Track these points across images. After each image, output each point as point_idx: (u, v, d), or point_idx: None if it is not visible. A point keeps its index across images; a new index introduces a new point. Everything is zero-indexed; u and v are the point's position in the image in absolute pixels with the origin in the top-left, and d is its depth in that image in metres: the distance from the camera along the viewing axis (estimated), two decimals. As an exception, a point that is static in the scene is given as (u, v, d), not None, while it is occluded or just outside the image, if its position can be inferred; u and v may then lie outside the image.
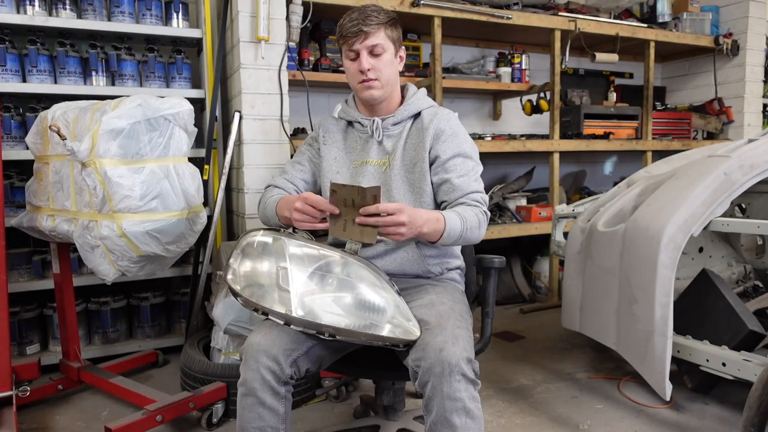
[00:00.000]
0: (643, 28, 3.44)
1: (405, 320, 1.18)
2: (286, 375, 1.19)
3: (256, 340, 1.21)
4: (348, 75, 1.45)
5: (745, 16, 3.74)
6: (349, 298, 1.20)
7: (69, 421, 1.92)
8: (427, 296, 1.30)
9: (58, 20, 2.30)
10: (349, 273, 1.23)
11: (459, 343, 1.12)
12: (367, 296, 1.20)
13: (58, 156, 1.75)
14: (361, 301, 1.20)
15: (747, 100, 3.85)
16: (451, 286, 1.43)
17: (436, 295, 1.30)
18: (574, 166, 4.12)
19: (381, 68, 1.39)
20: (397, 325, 1.17)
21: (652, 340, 1.74)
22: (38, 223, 1.84)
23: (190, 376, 1.99)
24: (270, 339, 1.20)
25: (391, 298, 1.21)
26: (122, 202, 1.59)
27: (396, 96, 1.49)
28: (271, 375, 1.17)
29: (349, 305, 1.20)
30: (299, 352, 1.22)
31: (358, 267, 1.24)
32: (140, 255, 1.67)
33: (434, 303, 1.26)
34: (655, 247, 1.74)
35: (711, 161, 1.91)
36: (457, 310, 1.26)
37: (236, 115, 2.38)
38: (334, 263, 1.24)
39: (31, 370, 2.07)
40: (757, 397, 1.11)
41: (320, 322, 1.15)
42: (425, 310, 1.23)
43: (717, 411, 1.92)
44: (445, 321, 1.18)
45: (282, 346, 1.20)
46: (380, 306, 1.19)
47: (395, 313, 1.19)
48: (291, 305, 1.17)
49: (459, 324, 1.19)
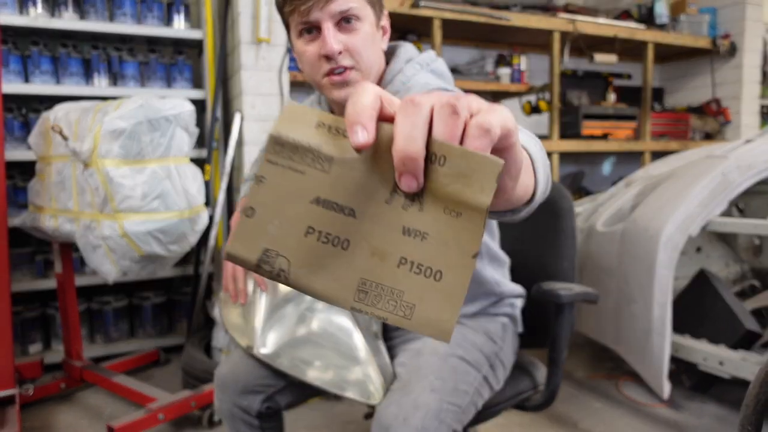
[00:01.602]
0: (641, 30, 3.46)
1: (371, 383, 0.94)
2: (255, 410, 1.02)
3: (222, 372, 1.05)
4: (304, 64, 0.93)
5: (742, 18, 3.75)
6: (320, 346, 1.00)
7: (72, 420, 1.93)
8: (421, 341, 1.01)
9: (61, 21, 2.31)
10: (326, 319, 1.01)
11: (416, 416, 0.83)
12: (339, 347, 0.99)
13: (60, 156, 1.76)
14: (332, 352, 0.99)
15: (744, 101, 3.86)
16: (479, 324, 1.06)
17: (434, 340, 0.98)
18: (573, 167, 4.14)
19: (359, 48, 0.89)
20: (363, 388, 0.94)
21: (651, 339, 1.76)
22: (41, 224, 1.85)
23: (191, 375, 2.00)
24: (235, 374, 1.03)
25: (366, 353, 0.97)
26: (124, 202, 1.61)
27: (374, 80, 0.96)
28: (239, 409, 1.02)
29: (318, 353, 0.99)
30: (274, 389, 1.03)
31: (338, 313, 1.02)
32: (142, 255, 1.68)
33: (422, 351, 0.97)
34: (654, 246, 1.75)
35: (709, 162, 1.92)
36: (449, 366, 0.94)
37: (237, 116, 2.39)
38: (312, 303, 1.04)
39: (34, 369, 2.08)
40: (755, 395, 1.12)
41: (281, 369, 0.98)
42: (407, 359, 0.97)
43: (715, 410, 1.93)
44: (416, 382, 0.89)
45: (249, 382, 1.02)
46: (350, 362, 0.97)
47: (366, 371, 0.95)
48: (254, 342, 1.01)
49: (436, 385, 0.88)
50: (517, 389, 1.13)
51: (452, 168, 0.35)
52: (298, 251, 0.37)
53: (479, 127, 0.35)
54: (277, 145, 0.37)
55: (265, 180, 0.37)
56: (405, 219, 0.37)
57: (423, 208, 0.36)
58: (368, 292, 0.37)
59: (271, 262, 0.37)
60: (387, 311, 0.36)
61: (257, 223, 0.37)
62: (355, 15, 0.88)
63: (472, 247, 0.36)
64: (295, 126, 0.37)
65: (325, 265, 0.37)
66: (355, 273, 0.37)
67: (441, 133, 0.36)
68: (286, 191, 0.37)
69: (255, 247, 0.37)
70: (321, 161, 0.37)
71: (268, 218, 0.37)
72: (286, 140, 0.37)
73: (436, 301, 0.36)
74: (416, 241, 0.36)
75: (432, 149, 0.35)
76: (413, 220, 0.36)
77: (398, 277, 0.36)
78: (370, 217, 0.37)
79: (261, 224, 0.37)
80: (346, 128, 0.36)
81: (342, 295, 0.37)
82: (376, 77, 0.95)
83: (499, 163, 0.34)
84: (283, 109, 0.38)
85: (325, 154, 0.37)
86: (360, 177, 0.37)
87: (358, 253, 0.37)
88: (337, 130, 0.37)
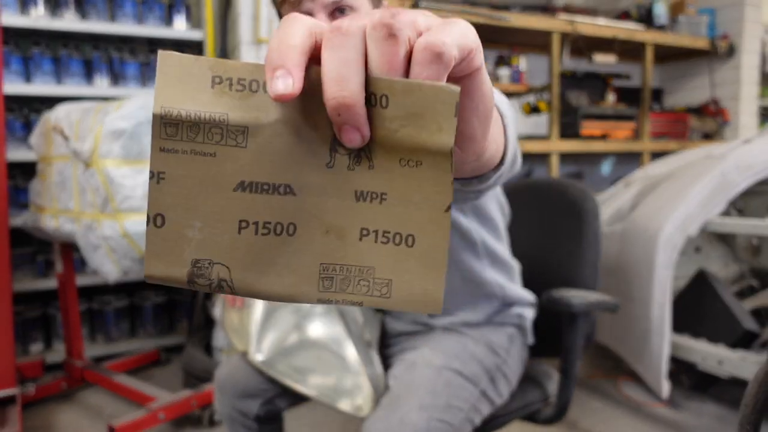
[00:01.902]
0: (640, 31, 3.47)
1: (362, 396, 0.92)
2: (253, 414, 1.01)
3: (221, 375, 1.04)
4: None
5: (740, 19, 3.77)
6: (315, 356, 0.98)
7: (72, 419, 1.94)
8: (421, 350, 0.95)
9: (62, 22, 2.31)
10: (324, 332, 0.99)
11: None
12: (333, 362, 0.96)
13: (61, 157, 1.76)
14: (325, 365, 0.96)
15: (743, 102, 3.87)
16: (482, 334, 0.99)
17: (432, 351, 0.94)
18: (572, 167, 4.14)
19: None
20: (355, 403, 0.92)
21: (650, 339, 1.76)
22: (42, 224, 1.85)
23: (192, 374, 2.01)
24: (233, 378, 1.02)
25: (359, 366, 0.94)
26: (125, 202, 1.61)
27: None
28: (238, 413, 1.01)
29: (312, 365, 0.97)
30: (273, 392, 1.01)
31: (335, 324, 0.98)
32: (142, 255, 1.68)
33: (416, 363, 0.92)
34: (653, 247, 1.76)
35: (708, 162, 1.93)
36: (444, 379, 0.88)
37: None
38: (310, 314, 1.01)
39: (35, 368, 2.09)
40: (753, 395, 1.12)
41: (275, 377, 0.97)
42: (401, 371, 0.92)
43: (714, 409, 1.93)
44: (406, 397, 0.84)
45: (248, 385, 1.00)
46: (344, 374, 0.94)
47: (359, 383, 0.92)
48: (250, 347, 1.00)
49: (426, 402, 0.84)
50: (525, 401, 1.07)
51: (398, 108, 0.28)
52: (236, 252, 0.30)
53: (427, 50, 0.27)
54: (169, 125, 0.28)
55: (165, 176, 0.28)
56: (355, 182, 0.30)
57: (374, 165, 0.29)
58: (333, 278, 0.31)
59: (206, 273, 0.30)
60: (360, 294, 0.31)
61: (172, 232, 0.29)
62: (350, 5, 0.81)
63: (441, 198, 0.29)
64: (184, 91, 0.28)
65: (273, 260, 0.30)
66: (311, 260, 0.30)
67: (377, 64, 0.27)
68: (199, 183, 0.29)
69: (179, 260, 0.29)
70: (233, 134, 0.28)
71: (184, 222, 0.29)
72: (178, 116, 0.28)
73: (415, 270, 0.30)
74: (374, 205, 0.30)
75: (369, 89, 0.28)
76: (365, 182, 0.30)
77: (363, 252, 0.30)
78: (312, 190, 0.30)
79: (177, 232, 0.29)
80: (253, 78, 0.28)
81: (303, 290, 0.31)
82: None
83: (454, 90, 0.27)
84: (159, 67, 0.28)
85: (236, 123, 0.28)
86: (288, 142, 0.29)
87: (309, 235, 0.30)
88: (243, 84, 0.28)
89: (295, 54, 0.27)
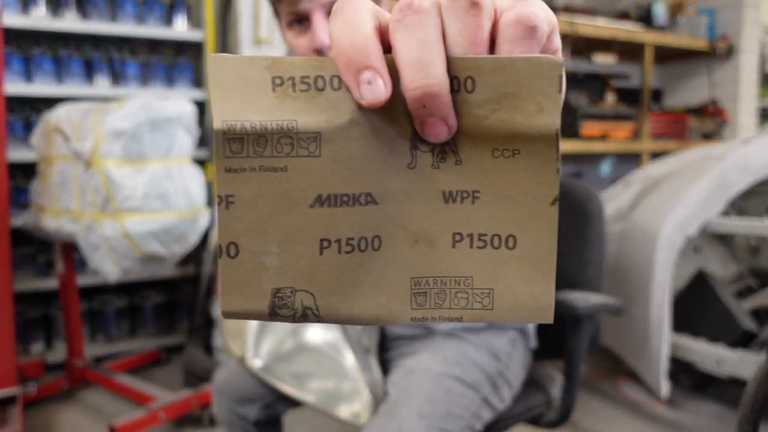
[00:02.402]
0: (640, 32, 3.47)
1: (360, 403, 0.89)
2: (252, 417, 0.99)
3: (220, 379, 1.03)
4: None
5: (739, 20, 3.78)
6: (314, 363, 0.96)
7: (73, 419, 1.94)
8: (420, 355, 0.92)
9: (63, 22, 2.32)
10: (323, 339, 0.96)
11: None
12: (331, 368, 0.94)
13: (62, 157, 1.77)
14: (323, 363, 0.94)
15: (741, 102, 3.88)
16: (483, 340, 0.95)
17: (432, 356, 0.90)
18: (571, 167, 4.15)
19: None
20: (353, 411, 0.90)
21: (649, 339, 1.77)
22: (43, 224, 1.86)
23: (192, 374, 2.01)
24: (232, 383, 1.00)
25: (357, 372, 0.92)
26: (125, 203, 1.62)
27: None
28: (237, 418, 1.00)
29: (310, 372, 0.96)
30: (272, 397, 0.99)
31: (335, 330, 0.97)
32: (143, 255, 1.69)
33: (416, 370, 0.88)
34: (652, 247, 1.77)
35: (707, 162, 1.94)
36: (443, 387, 0.85)
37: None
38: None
39: (36, 368, 2.09)
40: (752, 394, 1.13)
41: (272, 383, 0.95)
42: (399, 377, 0.89)
43: (713, 409, 1.94)
44: (404, 404, 0.82)
45: (246, 390, 0.99)
46: (342, 380, 0.92)
47: (358, 389, 0.91)
48: (247, 352, 0.98)
49: (425, 409, 0.81)
50: (527, 404, 1.04)
51: (487, 90, 0.24)
52: (319, 276, 0.26)
53: (520, 24, 0.23)
54: (233, 141, 0.24)
55: (234, 199, 0.25)
56: (441, 181, 0.26)
57: (461, 159, 0.26)
58: (426, 293, 0.27)
59: (289, 303, 0.27)
60: (459, 309, 0.27)
61: (248, 261, 0.26)
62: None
63: (545, 190, 0.25)
64: (244, 99, 0.25)
65: (359, 280, 0.27)
66: (401, 275, 0.27)
67: (458, 41, 0.23)
68: (271, 203, 0.25)
69: (258, 292, 0.26)
70: (305, 142, 0.25)
71: (260, 248, 0.26)
72: (243, 130, 0.24)
73: (519, 275, 0.27)
74: (466, 205, 0.26)
75: (451, 72, 0.24)
76: (453, 180, 0.26)
77: (458, 260, 0.27)
78: (395, 196, 0.26)
79: (253, 260, 0.26)
80: (318, 74, 0.24)
81: (395, 310, 0.27)
82: None
83: (557, 62, 0.23)
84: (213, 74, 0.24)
85: (306, 130, 0.25)
86: (365, 145, 0.25)
87: (396, 247, 0.27)
88: (307, 82, 0.25)
89: (375, 46, 0.23)
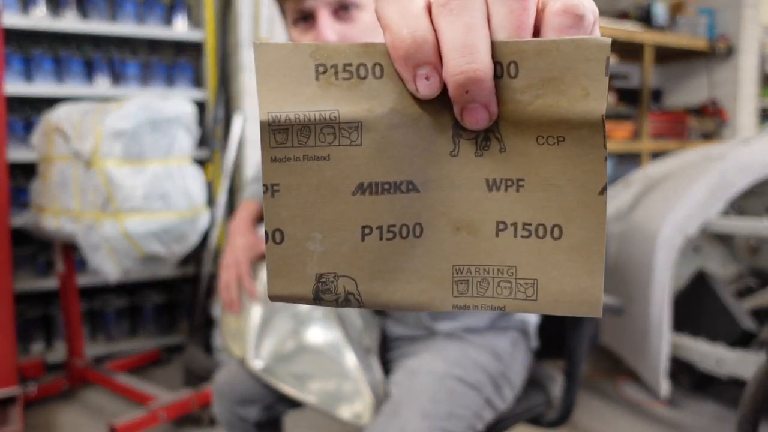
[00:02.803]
0: (639, 32, 3.47)
1: (363, 403, 0.89)
2: (253, 418, 0.99)
3: (220, 380, 1.02)
4: None
5: (739, 20, 3.78)
6: (315, 362, 0.95)
7: (73, 419, 1.94)
8: (422, 356, 0.91)
9: (63, 23, 2.32)
10: (318, 327, 0.96)
11: None
12: (332, 368, 0.93)
13: (62, 157, 1.77)
14: (326, 372, 0.93)
15: (741, 102, 3.88)
16: (485, 341, 0.95)
17: (433, 357, 0.90)
18: (572, 168, 4.15)
19: (357, 39, 0.80)
20: (354, 411, 0.90)
21: (649, 338, 1.77)
22: (43, 224, 1.86)
23: (192, 374, 2.01)
24: (231, 384, 1.00)
25: (358, 373, 0.91)
26: (125, 203, 1.62)
27: None
28: (237, 419, 1.00)
29: (310, 366, 0.95)
30: (272, 398, 0.99)
31: (335, 330, 0.95)
32: (143, 255, 1.69)
33: (418, 370, 0.88)
34: (652, 247, 1.77)
35: (706, 162, 1.94)
36: (446, 388, 0.84)
37: (238, 116, 2.41)
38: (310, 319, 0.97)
39: (36, 368, 2.09)
40: (752, 394, 1.13)
41: (274, 384, 0.94)
42: (401, 379, 0.89)
43: (713, 408, 1.94)
44: (408, 403, 0.82)
45: (246, 391, 0.98)
46: (343, 381, 0.91)
47: (360, 389, 0.90)
48: (248, 353, 0.97)
49: (429, 410, 0.80)
50: (528, 404, 1.05)
51: (531, 75, 0.24)
52: (361, 262, 0.27)
53: (568, 13, 0.23)
54: (278, 132, 0.25)
55: (279, 187, 0.26)
56: (485, 169, 0.26)
57: (505, 147, 0.25)
58: (468, 281, 0.27)
59: (332, 288, 0.28)
60: (502, 298, 0.27)
61: (293, 247, 0.27)
62: (354, 2, 0.78)
63: (593, 179, 0.25)
64: (287, 89, 0.25)
65: (400, 266, 0.27)
66: (442, 262, 0.27)
67: (503, 26, 0.23)
68: (315, 190, 0.26)
69: (302, 277, 0.27)
70: (346, 131, 0.26)
71: (304, 235, 0.27)
72: (287, 121, 0.25)
73: (565, 266, 0.26)
74: (510, 194, 0.26)
75: (494, 57, 0.24)
76: (497, 168, 0.26)
77: (501, 249, 0.27)
78: (437, 184, 0.26)
79: (298, 246, 0.27)
80: (360, 62, 0.25)
81: (436, 296, 0.28)
82: None
83: (604, 44, 0.23)
84: (258, 62, 0.25)
85: (348, 119, 0.25)
86: (406, 133, 0.26)
87: (438, 235, 0.27)
88: (350, 70, 0.25)
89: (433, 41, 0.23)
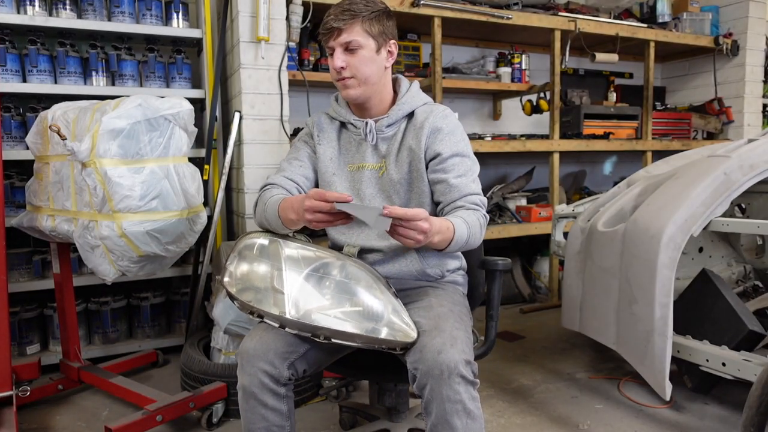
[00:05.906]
0: (642, 28, 3.44)
1: (402, 323, 1.16)
2: (284, 377, 1.18)
3: (251, 345, 1.19)
4: (330, 73, 1.38)
5: (744, 16, 3.74)
6: (346, 300, 1.19)
7: (69, 421, 1.92)
8: (426, 299, 1.28)
9: (59, 20, 2.30)
10: (346, 275, 1.21)
11: (457, 345, 1.10)
12: (363, 298, 1.18)
13: (58, 156, 1.75)
14: (358, 303, 1.18)
15: (747, 100, 3.85)
16: (452, 288, 1.40)
17: (435, 298, 1.28)
18: (574, 166, 4.12)
19: (357, 65, 1.31)
20: (394, 328, 1.15)
21: (652, 339, 1.75)
22: (38, 223, 1.84)
23: (190, 376, 1.99)
24: (265, 343, 1.18)
25: (388, 301, 1.18)
26: (122, 202, 1.60)
27: (387, 94, 1.40)
28: (268, 378, 1.16)
29: (345, 307, 1.17)
30: (296, 355, 1.20)
31: (356, 269, 1.22)
32: (140, 255, 1.67)
33: (432, 305, 1.24)
34: (655, 247, 1.74)
35: (711, 161, 1.91)
36: (456, 312, 1.25)
37: (236, 115, 2.38)
38: (331, 265, 1.22)
39: (32, 370, 2.07)
40: (757, 396, 1.11)
41: (315, 324, 1.13)
42: (423, 312, 1.21)
43: (717, 411, 1.92)
44: (444, 323, 1.16)
45: (277, 349, 1.18)
46: (377, 309, 1.17)
47: (392, 316, 1.17)
48: (285, 307, 1.15)
49: (458, 326, 1.17)
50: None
51: None
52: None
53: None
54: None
55: None
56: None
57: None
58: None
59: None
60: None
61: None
62: (356, 44, 1.30)
63: None
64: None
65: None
66: None
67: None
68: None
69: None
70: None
71: None
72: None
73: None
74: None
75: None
76: None
77: None
78: None
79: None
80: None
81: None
82: (381, 90, 1.38)
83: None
84: None
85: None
86: None
87: None
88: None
89: None
